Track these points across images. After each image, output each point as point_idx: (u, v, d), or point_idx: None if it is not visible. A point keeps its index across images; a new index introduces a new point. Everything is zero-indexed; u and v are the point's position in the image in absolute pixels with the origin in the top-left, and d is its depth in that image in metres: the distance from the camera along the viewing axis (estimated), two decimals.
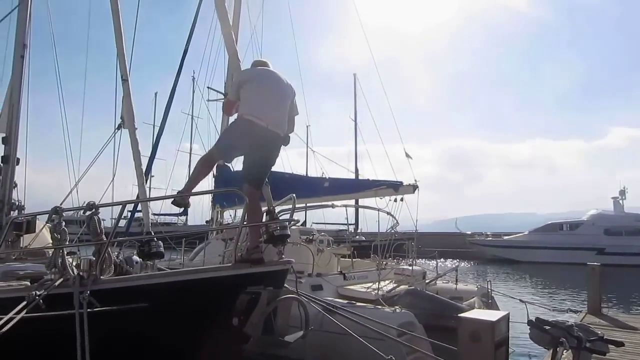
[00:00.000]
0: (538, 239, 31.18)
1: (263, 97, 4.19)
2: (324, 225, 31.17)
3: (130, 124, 6.33)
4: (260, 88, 4.28)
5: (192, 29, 10.70)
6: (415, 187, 9.86)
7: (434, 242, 23.29)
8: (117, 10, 6.35)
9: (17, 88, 7.30)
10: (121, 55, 6.29)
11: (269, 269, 3.54)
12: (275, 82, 4.35)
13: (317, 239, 9.74)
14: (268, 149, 4.13)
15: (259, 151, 4.07)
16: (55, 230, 3.84)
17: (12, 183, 7.07)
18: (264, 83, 4.34)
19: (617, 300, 13.87)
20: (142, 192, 6.35)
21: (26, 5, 7.21)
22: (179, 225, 43.20)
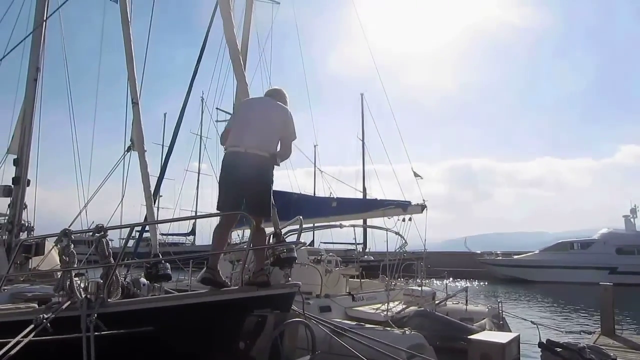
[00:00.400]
0: (549, 258, 30.76)
1: (244, 124, 4.18)
2: (332, 244, 31.09)
3: (139, 147, 6.40)
4: (243, 116, 4.31)
5: (201, 51, 10.86)
6: (424, 206, 9.83)
7: (443, 262, 23.08)
8: (128, 36, 6.47)
9: (29, 111, 7.42)
10: (132, 79, 6.38)
11: (275, 292, 3.52)
12: (261, 108, 4.31)
13: (325, 259, 9.72)
14: (249, 174, 3.93)
15: (241, 178, 3.95)
16: (63, 253, 3.86)
17: (22, 204, 7.12)
18: (248, 111, 4.35)
19: (631, 321, 13.58)
20: (151, 213, 6.37)
21: (40, 31, 7.37)
22: (187, 245, 43.25)
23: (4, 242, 6.66)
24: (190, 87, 10.61)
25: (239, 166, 3.94)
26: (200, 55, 10.66)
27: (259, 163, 3.95)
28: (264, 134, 4.10)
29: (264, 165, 3.98)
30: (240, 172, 3.91)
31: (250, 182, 3.94)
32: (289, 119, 4.30)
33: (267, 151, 4.01)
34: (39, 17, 7.51)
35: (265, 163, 3.99)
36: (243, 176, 3.91)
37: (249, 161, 3.92)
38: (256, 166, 3.93)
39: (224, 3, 4.79)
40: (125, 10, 6.61)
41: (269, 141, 4.10)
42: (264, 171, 4.00)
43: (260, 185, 4.00)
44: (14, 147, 7.51)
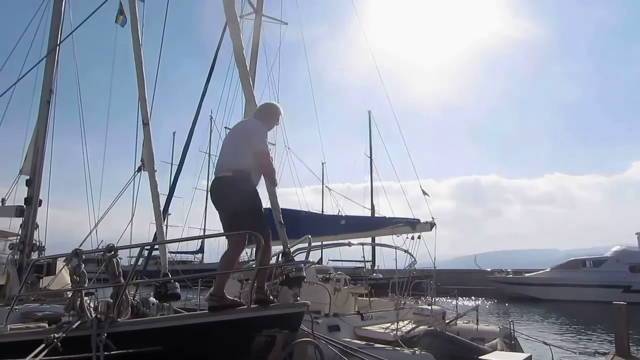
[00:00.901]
0: (561, 276, 30.31)
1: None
2: (341, 262, 30.94)
3: (150, 167, 6.47)
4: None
5: (210, 70, 11.03)
6: (433, 224, 9.80)
7: (453, 280, 22.83)
8: (139, 58, 6.59)
9: (42, 132, 7.54)
10: (143, 100, 6.48)
11: (284, 311, 3.52)
12: (232, 130, 4.45)
13: (334, 277, 9.66)
14: (217, 198, 4.00)
15: (215, 203, 4.05)
16: (74, 273, 3.89)
17: (33, 224, 7.19)
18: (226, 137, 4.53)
19: None
20: (160, 233, 6.42)
21: (54, 55, 7.54)
22: (195, 263, 43.22)
23: (16, 262, 6.72)
24: (199, 106, 10.76)
25: (211, 194, 4.06)
26: (210, 75, 10.83)
27: (224, 184, 3.98)
28: (226, 153, 4.16)
29: (227, 185, 3.96)
30: (213, 198, 4.04)
31: (220, 205, 4.02)
32: (248, 130, 4.21)
33: (231, 169, 3.97)
34: (53, 41, 7.69)
35: (228, 182, 3.95)
36: (215, 201, 4.03)
37: (216, 185, 4.04)
38: (221, 187, 4.00)
39: (233, 24, 4.88)
40: (137, 33, 6.76)
41: (232, 158, 4.06)
42: (228, 191, 3.95)
43: (228, 205, 3.96)
44: (27, 168, 7.62)
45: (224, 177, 3.97)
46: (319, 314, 7.94)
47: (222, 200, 3.99)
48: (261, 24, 12.12)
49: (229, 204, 3.93)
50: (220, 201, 4.01)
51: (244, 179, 3.91)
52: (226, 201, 3.95)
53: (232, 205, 3.91)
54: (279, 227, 4.26)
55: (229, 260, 3.94)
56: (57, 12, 7.67)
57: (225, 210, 3.98)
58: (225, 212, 3.99)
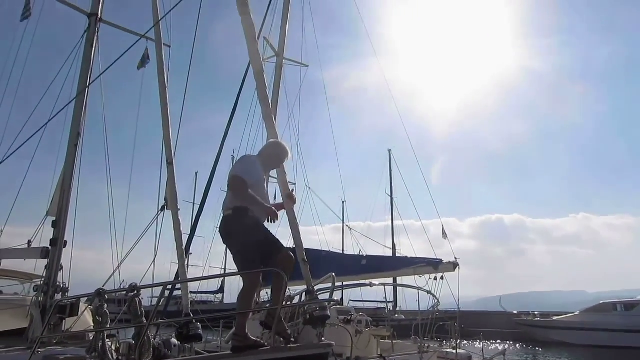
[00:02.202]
0: (592, 320, 29.10)
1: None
2: (362, 303, 30.34)
3: (173, 206, 6.53)
4: None
5: (233, 110, 11.27)
6: (456, 264, 9.63)
7: (477, 322, 22.16)
8: (165, 99, 6.79)
9: (69, 175, 7.68)
10: (167, 140, 6.63)
11: (309, 352, 3.42)
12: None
13: (355, 319, 9.46)
14: (227, 236, 4.05)
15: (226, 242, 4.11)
16: (97, 313, 3.88)
17: (58, 266, 7.22)
18: None
19: None
20: (183, 272, 6.41)
21: (82, 97, 7.78)
22: (215, 303, 42.89)
23: (40, 304, 6.72)
24: (221, 145, 10.94)
25: (220, 234, 4.10)
26: (232, 115, 11.06)
27: (225, 222, 4.03)
28: (228, 192, 4.17)
29: (228, 223, 4.01)
30: (221, 237, 4.08)
31: (226, 243, 4.07)
32: (236, 166, 4.26)
33: (230, 208, 4.02)
34: (82, 84, 7.97)
35: (229, 220, 4.01)
36: (223, 241, 4.08)
37: (220, 225, 4.09)
38: (223, 226, 4.04)
39: (257, 65, 5.01)
40: (163, 77, 6.98)
41: (231, 197, 4.08)
42: (229, 228, 4.01)
43: (231, 242, 4.03)
44: (53, 210, 7.73)
45: (225, 216, 4.04)
46: (341, 357, 7.74)
47: (226, 238, 4.05)
48: (282, 66, 12.44)
49: (233, 241, 4.00)
50: (225, 240, 4.07)
51: (242, 215, 3.94)
52: (229, 239, 4.02)
53: (235, 242, 3.99)
54: (303, 264, 4.20)
55: (245, 298, 3.88)
56: (87, 57, 7.96)
57: (231, 247, 4.05)
58: (231, 250, 4.05)
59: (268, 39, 12.76)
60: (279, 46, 12.88)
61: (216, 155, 11.06)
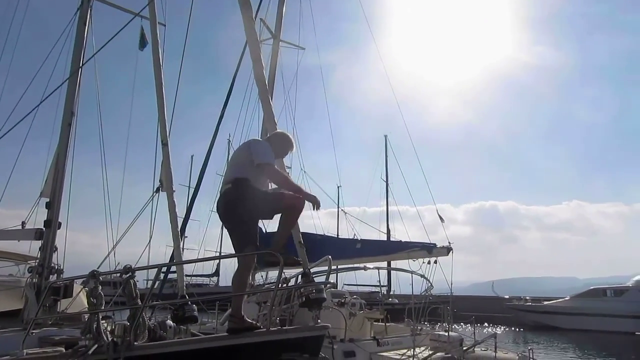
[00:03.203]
0: (581, 305, 29.54)
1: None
2: (356, 287, 30.58)
3: (168, 187, 6.50)
4: None
5: (229, 93, 11.13)
6: (449, 249, 9.66)
7: (470, 306, 22.39)
8: (160, 80, 6.71)
9: (62, 155, 7.61)
10: (162, 121, 6.56)
11: (305, 334, 3.43)
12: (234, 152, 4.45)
13: (349, 302, 9.52)
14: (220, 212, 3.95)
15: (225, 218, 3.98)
16: (92, 295, 3.87)
17: (52, 247, 7.20)
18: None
19: None
20: (178, 254, 6.40)
21: (76, 78, 7.66)
22: (210, 286, 43.06)
23: (34, 285, 6.70)
24: (217, 129, 10.85)
25: (217, 210, 4.00)
26: (228, 98, 10.94)
27: (222, 197, 3.91)
28: (230, 166, 4.13)
29: (227, 196, 3.88)
30: (218, 214, 3.96)
31: (224, 218, 3.93)
32: (249, 145, 4.15)
33: (230, 181, 3.91)
34: (75, 64, 7.85)
35: (228, 193, 3.88)
36: (220, 217, 3.94)
37: (219, 201, 3.96)
38: (221, 202, 3.92)
39: (254, 44, 4.94)
40: (157, 56, 6.88)
41: (231, 171, 4.03)
42: (229, 200, 3.87)
43: (228, 217, 3.90)
44: (47, 191, 7.68)
45: (225, 190, 3.91)
46: (335, 339, 7.79)
47: (226, 212, 3.90)
48: (279, 49, 12.29)
49: (230, 215, 3.86)
50: (225, 214, 3.92)
51: (243, 185, 3.83)
52: (228, 213, 3.88)
53: (233, 215, 3.85)
54: (299, 247, 4.19)
55: (240, 280, 3.84)
56: (79, 36, 7.83)
57: (228, 222, 3.91)
58: (228, 225, 3.92)
59: (264, 21, 12.60)
60: (275, 28, 12.72)
61: (211, 138, 10.99)
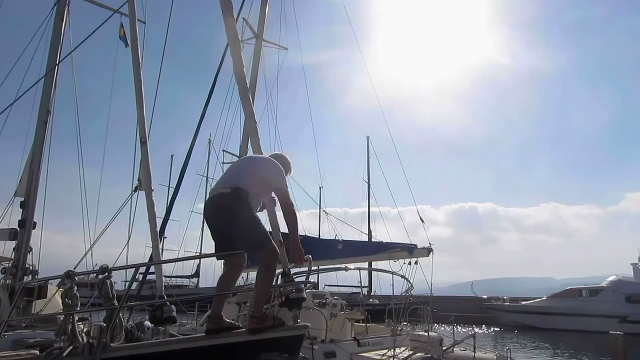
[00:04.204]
0: (557, 305, 30.14)
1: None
2: (337, 287, 30.61)
3: (147, 186, 6.40)
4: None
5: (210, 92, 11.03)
6: (430, 250, 9.73)
7: (449, 307, 22.63)
8: (139, 77, 6.61)
9: (37, 153, 7.46)
10: (141, 119, 6.46)
11: (284, 334, 3.42)
12: (239, 159, 4.41)
13: (330, 302, 9.52)
14: (211, 216, 3.79)
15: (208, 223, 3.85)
16: (66, 296, 3.78)
17: (27, 247, 7.05)
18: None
19: None
20: (157, 254, 6.30)
21: (52, 74, 7.52)
22: (191, 287, 42.68)
23: (8, 286, 6.54)
24: (197, 128, 10.70)
25: (206, 211, 3.86)
26: (209, 97, 10.82)
27: (218, 199, 3.75)
28: (228, 173, 4.03)
29: (225, 199, 3.70)
30: (207, 215, 3.84)
31: (214, 222, 3.80)
32: (263, 161, 4.08)
33: (229, 186, 3.75)
34: (52, 61, 7.69)
35: (225, 197, 3.71)
36: (209, 219, 3.81)
37: (211, 202, 3.80)
38: (217, 203, 3.76)
39: (234, 42, 4.89)
40: (137, 53, 6.77)
41: (233, 176, 3.91)
42: (224, 206, 3.70)
43: (222, 221, 3.72)
44: (22, 190, 7.51)
45: (221, 193, 3.75)
46: (315, 340, 7.79)
47: (217, 217, 3.76)
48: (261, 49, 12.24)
49: (224, 221, 3.69)
50: (215, 218, 3.78)
51: (242, 197, 3.68)
52: (221, 218, 3.72)
53: (228, 223, 3.66)
54: (279, 246, 4.16)
55: (227, 282, 3.78)
56: (57, 32, 7.68)
57: (219, 227, 3.75)
58: (219, 230, 3.76)
59: (247, 20, 12.53)
60: (258, 27, 12.66)
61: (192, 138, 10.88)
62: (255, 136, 5.64)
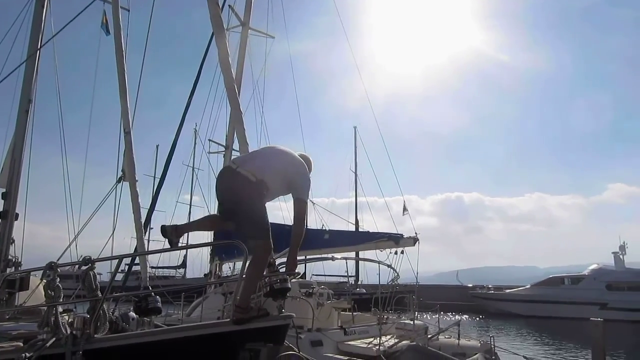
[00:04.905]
0: (540, 293, 30.71)
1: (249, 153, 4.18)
2: (324, 277, 30.76)
3: (130, 177, 6.34)
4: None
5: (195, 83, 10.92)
6: (416, 239, 9.81)
7: (435, 295, 22.90)
8: (122, 66, 6.52)
9: (19, 143, 7.32)
10: (124, 109, 6.38)
11: (269, 324, 3.43)
12: (274, 147, 4.19)
13: (317, 292, 9.57)
14: (231, 192, 3.71)
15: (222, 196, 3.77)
16: (49, 287, 3.75)
17: (9, 239, 6.94)
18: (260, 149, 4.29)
19: (622, 357, 13.49)
20: (141, 245, 6.27)
21: (34, 61, 7.36)
22: (177, 278, 42.53)
23: None
24: (183, 118, 10.60)
25: (223, 182, 3.81)
26: (194, 87, 10.72)
27: (240, 182, 3.67)
28: (262, 161, 3.89)
29: (246, 187, 3.65)
30: (223, 187, 3.78)
31: (228, 198, 3.74)
32: (298, 169, 3.99)
33: (257, 177, 3.68)
34: (33, 47, 7.54)
35: (248, 184, 3.65)
36: (224, 192, 3.77)
37: (232, 179, 3.71)
38: (237, 186, 3.68)
39: (219, 30, 4.84)
40: (120, 42, 6.67)
41: (266, 170, 3.79)
42: (244, 193, 3.66)
43: (234, 201, 3.70)
44: (3, 180, 7.38)
45: (247, 179, 3.65)
46: (302, 329, 7.84)
47: (233, 196, 3.71)
48: (248, 37, 12.13)
49: (237, 202, 3.66)
50: (231, 196, 3.72)
51: (261, 192, 3.69)
52: (235, 198, 3.68)
53: (239, 205, 3.65)
54: None
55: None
56: (37, 18, 7.50)
57: (231, 206, 3.72)
58: (231, 207, 3.72)
59: (233, 8, 12.40)
60: (244, 15, 12.53)
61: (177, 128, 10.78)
62: (241, 125, 5.62)
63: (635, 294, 27.82)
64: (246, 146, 4.86)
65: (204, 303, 9.55)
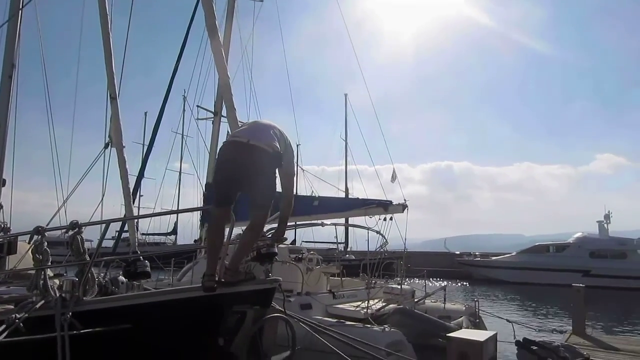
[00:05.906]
0: (525, 260, 31.33)
1: (244, 125, 4.12)
2: (314, 244, 31.13)
3: (118, 143, 6.29)
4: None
5: (182, 48, 10.75)
6: (405, 206, 9.91)
7: (422, 262, 23.27)
8: (107, 30, 6.36)
9: (4, 109, 7.21)
10: (110, 74, 6.27)
11: (255, 287, 3.49)
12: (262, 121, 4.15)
13: (307, 257, 9.71)
14: (256, 164, 3.57)
15: (239, 170, 3.62)
16: (37, 251, 3.78)
17: None
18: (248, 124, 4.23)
19: (601, 322, 13.94)
20: (129, 210, 6.29)
21: (15, 23, 7.17)
22: (168, 245, 42.76)
23: None
24: (170, 84, 10.52)
25: (239, 154, 3.63)
26: (181, 52, 10.56)
27: (257, 153, 3.59)
28: (275, 136, 3.82)
29: (264, 157, 3.60)
30: (238, 163, 3.62)
31: (251, 175, 3.59)
32: (289, 142, 4.02)
33: (274, 150, 3.67)
34: (14, 8, 7.32)
35: (267, 155, 3.61)
36: (241, 168, 3.60)
37: (249, 151, 3.59)
38: (256, 156, 3.59)
39: None
40: (104, 4, 6.49)
41: (280, 144, 3.79)
42: (263, 162, 3.60)
43: (263, 177, 3.62)
44: None
45: (265, 150, 3.61)
46: (292, 293, 7.99)
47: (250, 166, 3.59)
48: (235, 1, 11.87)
49: (254, 172, 3.58)
50: (247, 166, 3.60)
51: (279, 162, 3.75)
52: (253, 168, 3.58)
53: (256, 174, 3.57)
54: None
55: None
56: None
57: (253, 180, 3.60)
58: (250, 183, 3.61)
59: None
60: None
61: (164, 94, 10.66)
62: (228, 92, 5.57)
63: (617, 262, 28.49)
64: (234, 112, 4.83)
65: (194, 268, 9.67)
